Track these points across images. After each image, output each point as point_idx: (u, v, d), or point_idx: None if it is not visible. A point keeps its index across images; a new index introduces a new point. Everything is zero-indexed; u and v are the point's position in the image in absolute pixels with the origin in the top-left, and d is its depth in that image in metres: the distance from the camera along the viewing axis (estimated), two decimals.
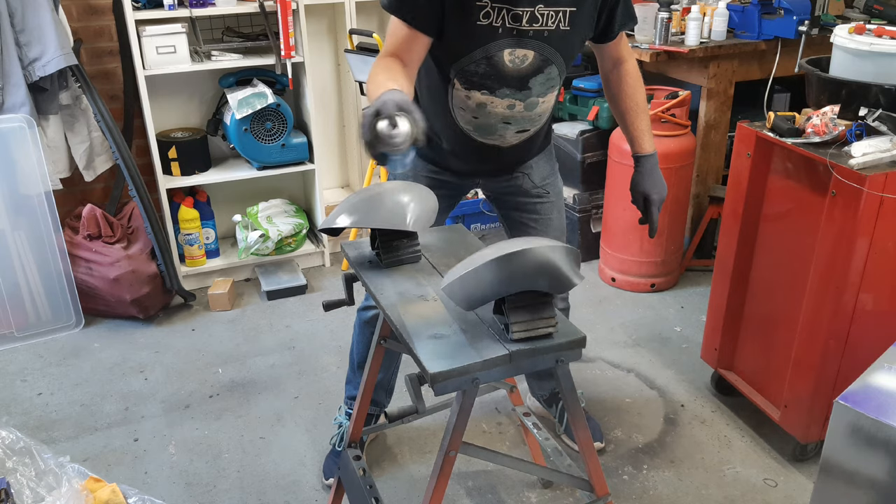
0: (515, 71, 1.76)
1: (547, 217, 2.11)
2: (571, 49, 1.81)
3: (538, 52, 1.74)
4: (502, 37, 1.71)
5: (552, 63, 1.78)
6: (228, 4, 3.10)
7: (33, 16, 2.79)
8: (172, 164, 3.25)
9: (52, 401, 2.64)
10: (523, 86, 1.79)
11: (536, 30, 1.71)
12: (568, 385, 1.47)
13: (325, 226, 1.61)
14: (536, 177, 2.07)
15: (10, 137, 2.82)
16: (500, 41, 1.71)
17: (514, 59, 1.74)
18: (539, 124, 1.94)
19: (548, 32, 1.72)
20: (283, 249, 3.47)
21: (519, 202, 2.10)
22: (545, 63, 1.77)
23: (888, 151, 1.91)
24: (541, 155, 2.07)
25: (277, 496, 2.19)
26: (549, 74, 1.80)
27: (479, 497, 2.17)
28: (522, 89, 1.80)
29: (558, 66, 1.80)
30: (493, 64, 1.74)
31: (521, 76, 1.77)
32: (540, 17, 1.70)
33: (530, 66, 1.76)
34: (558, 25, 1.72)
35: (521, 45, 1.72)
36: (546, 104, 1.88)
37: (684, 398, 2.59)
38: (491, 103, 1.82)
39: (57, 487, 1.71)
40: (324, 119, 3.65)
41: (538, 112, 1.88)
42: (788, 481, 2.19)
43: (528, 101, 1.83)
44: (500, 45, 1.72)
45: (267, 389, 2.68)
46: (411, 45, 1.70)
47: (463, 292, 1.34)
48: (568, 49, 1.79)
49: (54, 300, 3.00)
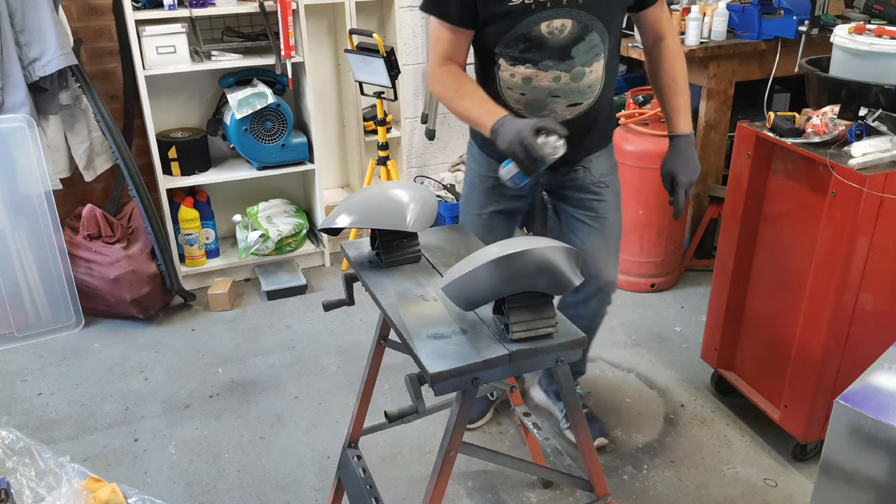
0: (556, 41, 1.76)
1: (604, 216, 2.06)
2: (610, 13, 1.79)
3: (575, 19, 1.74)
4: (535, 11, 1.74)
5: (592, 29, 1.77)
6: (228, 4, 3.10)
7: (33, 16, 2.79)
8: (172, 164, 3.25)
9: (52, 401, 2.64)
10: (566, 55, 1.78)
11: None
12: (568, 385, 1.47)
13: (325, 226, 1.61)
14: (596, 171, 2.03)
15: (10, 137, 2.82)
16: (534, 16, 1.74)
17: (553, 30, 1.75)
18: (590, 98, 1.88)
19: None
20: (283, 249, 3.47)
21: (577, 198, 2.06)
22: (585, 30, 1.76)
23: (888, 151, 1.91)
24: (602, 151, 2.04)
25: (277, 496, 2.19)
26: (590, 42, 1.78)
27: (479, 497, 2.17)
28: (565, 59, 1.79)
29: (599, 33, 1.78)
30: (531, 38, 1.77)
31: (561, 46, 1.77)
32: None
33: (570, 34, 1.76)
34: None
35: (557, 16, 1.74)
36: (594, 74, 1.84)
37: (684, 398, 2.59)
38: (536, 77, 1.81)
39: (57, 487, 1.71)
40: (324, 119, 3.65)
41: (586, 83, 1.84)
42: (788, 481, 2.19)
43: (574, 71, 1.81)
44: (535, 20, 1.74)
45: (267, 389, 2.68)
46: (457, 43, 1.84)
47: (463, 292, 1.34)
48: (606, 13, 1.78)
49: (54, 300, 3.00)
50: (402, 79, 3.45)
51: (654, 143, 3.07)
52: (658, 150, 3.04)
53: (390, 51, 3.03)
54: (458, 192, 3.69)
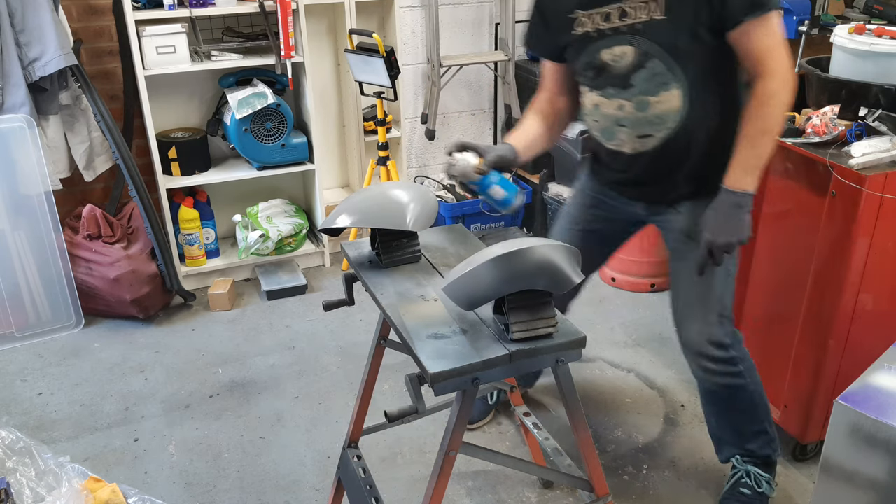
0: (617, 69, 1.73)
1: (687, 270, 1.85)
2: (675, 39, 1.66)
3: (635, 46, 1.68)
4: (597, 39, 1.73)
5: (653, 57, 1.68)
6: (228, 4, 3.10)
7: (33, 16, 2.79)
8: (172, 164, 3.25)
9: (52, 401, 2.64)
10: (626, 83, 1.73)
11: (628, 24, 1.68)
12: (568, 385, 1.47)
13: (325, 226, 1.61)
14: (691, 220, 1.82)
15: (10, 137, 2.82)
16: (596, 44, 1.73)
17: (615, 57, 1.71)
18: (664, 131, 1.75)
19: (641, 25, 1.66)
20: (283, 249, 3.47)
21: (670, 240, 1.93)
22: (645, 57, 1.68)
23: (888, 151, 1.91)
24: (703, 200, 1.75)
25: (277, 496, 2.19)
26: (652, 70, 1.69)
27: (479, 497, 2.17)
28: (626, 87, 1.73)
29: (663, 61, 1.67)
30: (596, 66, 1.76)
31: (621, 74, 1.73)
32: (630, 10, 1.67)
33: (629, 62, 1.70)
34: (651, 16, 1.65)
35: (617, 43, 1.70)
36: (662, 105, 1.72)
37: (684, 398, 2.59)
38: (602, 104, 1.80)
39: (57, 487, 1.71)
40: (324, 119, 3.65)
41: (654, 113, 1.73)
42: (788, 481, 2.19)
43: (636, 100, 1.73)
44: (598, 48, 1.73)
45: (267, 389, 2.68)
46: (550, 73, 1.93)
47: (463, 292, 1.34)
48: (670, 40, 1.66)
49: (54, 300, 3.00)
50: (402, 79, 3.45)
51: None
52: None
53: (390, 51, 3.03)
54: (458, 193, 3.69)
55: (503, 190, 1.75)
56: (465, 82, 3.86)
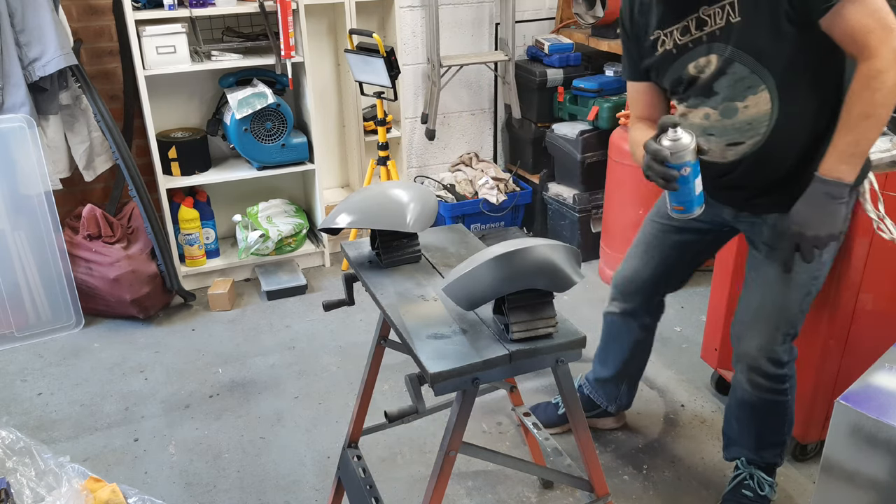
0: (704, 79, 1.68)
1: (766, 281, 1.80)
2: (755, 40, 1.58)
3: (718, 53, 1.63)
4: (679, 55, 1.69)
5: (735, 61, 1.61)
6: (228, 4, 3.10)
7: (33, 16, 2.79)
8: (172, 164, 3.25)
9: (52, 401, 2.64)
10: (709, 92, 1.68)
11: (707, 32, 1.63)
12: (568, 385, 1.47)
13: (325, 225, 1.61)
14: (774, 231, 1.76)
15: (10, 137, 2.82)
16: (681, 59, 1.70)
17: (701, 68, 1.67)
18: (755, 137, 1.67)
19: (719, 31, 1.61)
20: (283, 249, 3.47)
21: (751, 248, 1.88)
22: (727, 63, 1.62)
23: (888, 151, 1.91)
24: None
25: (277, 496, 2.19)
26: (735, 74, 1.62)
27: (479, 497, 2.17)
28: (710, 95, 1.68)
29: (746, 63, 1.61)
30: (683, 79, 1.72)
31: (704, 83, 1.68)
32: (707, 18, 1.62)
33: (714, 69, 1.65)
34: (727, 20, 1.59)
35: (701, 54, 1.66)
36: (752, 109, 1.64)
37: (684, 398, 2.59)
38: (689, 115, 1.76)
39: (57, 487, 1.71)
40: (324, 119, 3.65)
41: (743, 120, 1.66)
42: (788, 481, 2.19)
43: (722, 107, 1.68)
44: (683, 62, 1.69)
45: (267, 389, 2.68)
46: (643, 95, 1.88)
47: (463, 292, 1.34)
48: (749, 41, 1.58)
49: (54, 300, 3.00)
50: (402, 79, 3.45)
51: None
52: None
53: (390, 51, 3.03)
54: (458, 193, 3.69)
55: (701, 183, 1.59)
56: (465, 82, 3.86)
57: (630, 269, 2.12)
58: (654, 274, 2.08)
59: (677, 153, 1.52)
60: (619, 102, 3.39)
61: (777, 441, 2.00)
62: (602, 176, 3.33)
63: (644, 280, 2.09)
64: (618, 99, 3.42)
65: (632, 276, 2.11)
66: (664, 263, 2.06)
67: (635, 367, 2.28)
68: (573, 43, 3.68)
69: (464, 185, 3.74)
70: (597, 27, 3.53)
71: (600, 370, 2.31)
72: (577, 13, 3.61)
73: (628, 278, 2.12)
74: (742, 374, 1.90)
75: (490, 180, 3.71)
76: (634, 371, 2.29)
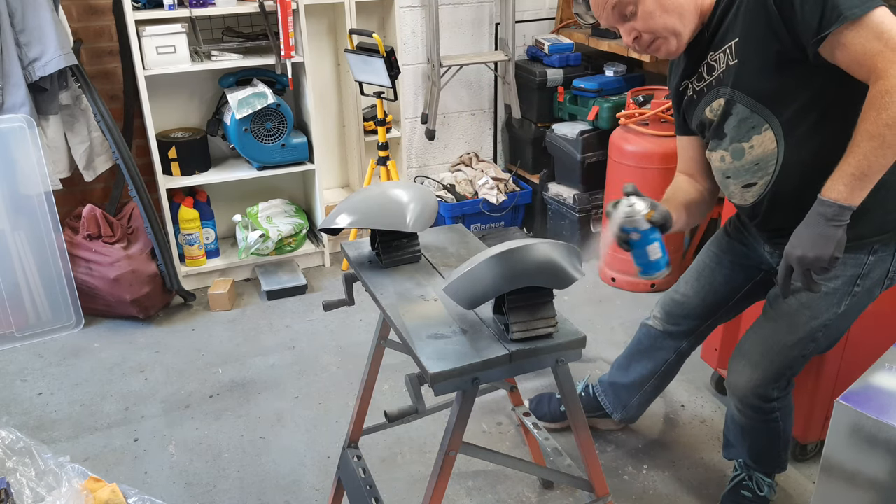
0: (715, 121, 1.70)
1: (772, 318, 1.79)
2: (752, 81, 1.59)
3: (722, 96, 1.65)
4: (698, 100, 1.73)
5: (735, 101, 1.63)
6: (228, 4, 3.10)
7: (33, 16, 2.79)
8: (172, 164, 3.25)
9: (52, 401, 2.64)
10: (721, 134, 1.70)
11: (715, 77, 1.67)
12: (568, 385, 1.47)
13: (325, 225, 1.61)
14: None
15: (10, 137, 2.82)
16: (699, 105, 1.73)
17: (713, 111, 1.70)
18: (765, 177, 1.66)
19: (722, 74, 1.64)
20: (283, 249, 3.47)
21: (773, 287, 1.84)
22: (729, 104, 1.64)
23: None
24: None
25: (277, 496, 2.19)
26: (738, 115, 1.63)
27: (479, 497, 2.17)
28: (721, 137, 1.70)
29: (745, 104, 1.61)
30: (704, 123, 1.74)
31: (716, 125, 1.70)
32: (714, 63, 1.66)
33: (721, 111, 1.67)
34: (727, 63, 1.62)
35: (712, 98, 1.68)
36: (757, 150, 1.64)
37: (684, 398, 2.59)
38: (710, 157, 1.78)
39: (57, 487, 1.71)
40: (324, 119, 3.65)
41: (750, 160, 1.67)
42: (788, 481, 2.19)
43: (731, 148, 1.69)
44: (701, 108, 1.73)
45: (267, 389, 2.68)
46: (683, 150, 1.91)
47: (464, 291, 1.34)
48: (746, 82, 1.60)
49: (54, 300, 3.00)
50: (402, 79, 3.45)
51: (654, 143, 3.07)
52: (658, 150, 3.05)
53: (390, 51, 3.03)
54: (458, 193, 3.69)
55: (660, 251, 1.65)
56: (465, 82, 3.86)
57: (680, 294, 2.07)
58: (704, 304, 2.03)
59: (628, 219, 1.62)
60: (618, 102, 3.39)
61: (772, 456, 2.00)
62: (602, 176, 3.34)
63: (693, 308, 2.04)
64: (618, 99, 3.42)
65: (681, 301, 2.06)
66: (714, 296, 2.01)
67: (654, 386, 2.23)
68: (573, 43, 3.68)
69: (464, 185, 3.74)
70: (597, 27, 3.53)
71: (618, 375, 2.26)
72: (577, 13, 3.61)
73: (677, 302, 2.07)
74: (731, 400, 1.90)
75: (490, 180, 3.71)
76: (652, 389, 2.23)
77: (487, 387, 1.97)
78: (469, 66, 3.77)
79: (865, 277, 1.69)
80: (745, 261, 1.94)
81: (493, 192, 3.67)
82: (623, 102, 3.37)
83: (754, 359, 1.80)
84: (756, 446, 1.97)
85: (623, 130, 3.17)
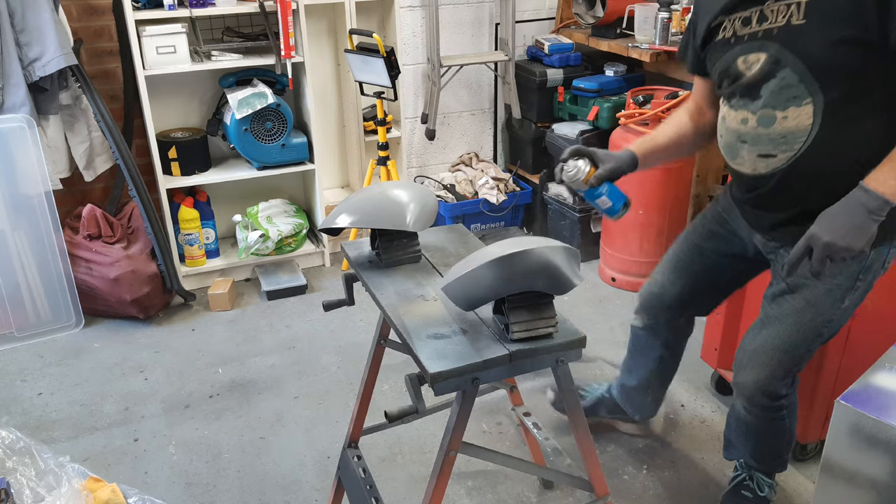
0: (749, 78, 1.58)
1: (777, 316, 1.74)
2: (812, 48, 1.47)
3: (769, 53, 1.53)
4: (734, 45, 1.61)
5: (784, 66, 1.51)
6: (228, 4, 3.10)
7: (33, 16, 2.79)
8: (172, 164, 3.25)
9: (52, 401, 2.64)
10: (754, 94, 1.57)
11: (765, 29, 1.53)
12: (568, 385, 1.46)
13: (325, 225, 1.61)
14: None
15: (10, 137, 2.82)
16: (733, 50, 1.61)
17: (750, 64, 1.57)
18: (788, 152, 1.57)
19: (777, 29, 1.51)
20: (283, 249, 3.47)
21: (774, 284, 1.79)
22: (776, 65, 1.52)
23: None
24: None
25: (277, 496, 2.19)
26: (783, 81, 1.52)
27: (479, 497, 2.17)
28: (754, 98, 1.58)
29: (796, 71, 1.50)
30: (730, 74, 1.63)
31: (751, 83, 1.58)
32: (770, 14, 1.52)
33: (760, 70, 1.55)
34: (789, 20, 1.49)
35: (752, 50, 1.56)
36: (790, 122, 1.54)
37: (684, 398, 2.59)
38: (728, 116, 1.67)
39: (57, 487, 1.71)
40: (324, 119, 3.65)
41: (778, 131, 1.56)
42: (788, 481, 2.19)
43: (761, 114, 1.57)
44: (733, 55, 1.61)
45: (267, 389, 2.68)
46: (698, 88, 1.87)
47: (463, 292, 1.34)
48: (805, 47, 1.48)
49: (54, 300, 3.00)
50: (402, 79, 3.45)
51: None
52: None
53: (390, 51, 3.03)
54: (458, 193, 3.69)
55: (609, 200, 1.79)
56: (465, 82, 3.86)
57: (657, 286, 2.04)
58: (682, 293, 2.00)
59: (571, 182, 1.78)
60: (619, 102, 3.39)
61: (775, 454, 1.99)
62: None
63: (671, 298, 2.01)
64: (618, 99, 3.42)
65: (658, 293, 2.03)
66: (693, 285, 1.98)
67: (659, 383, 2.23)
68: (573, 43, 3.68)
69: (464, 185, 3.74)
70: (597, 27, 3.53)
71: (626, 378, 2.27)
72: (577, 13, 3.61)
73: (655, 294, 2.05)
74: (738, 400, 1.89)
75: (490, 180, 3.71)
76: (658, 386, 2.24)
77: (487, 387, 1.97)
78: (469, 66, 3.77)
79: (867, 271, 1.68)
80: (727, 249, 1.90)
81: (494, 192, 3.67)
82: (623, 102, 3.37)
83: (762, 359, 1.77)
84: (760, 445, 1.97)
85: (623, 130, 3.17)
